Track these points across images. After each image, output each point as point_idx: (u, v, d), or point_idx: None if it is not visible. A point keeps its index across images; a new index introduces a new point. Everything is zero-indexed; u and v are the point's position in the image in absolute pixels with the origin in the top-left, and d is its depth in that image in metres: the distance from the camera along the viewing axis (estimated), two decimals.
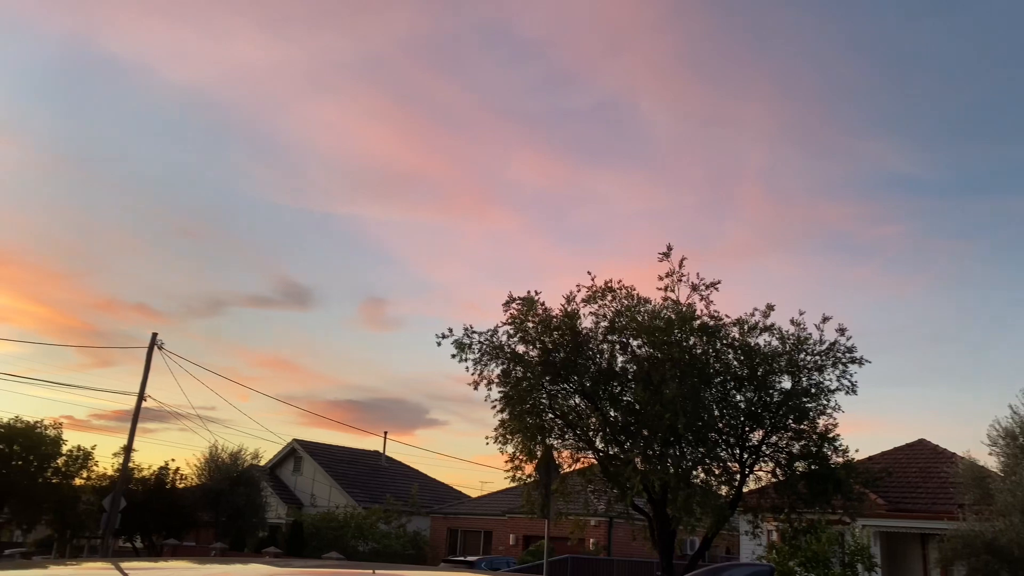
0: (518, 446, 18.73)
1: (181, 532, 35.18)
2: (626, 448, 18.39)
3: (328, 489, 41.90)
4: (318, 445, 45.69)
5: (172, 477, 35.27)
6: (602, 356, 18.87)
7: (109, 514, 28.85)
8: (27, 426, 34.78)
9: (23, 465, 34.12)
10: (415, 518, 37.09)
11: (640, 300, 18.79)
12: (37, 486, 33.76)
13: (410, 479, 45.08)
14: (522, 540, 34.81)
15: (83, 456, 35.86)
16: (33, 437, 34.56)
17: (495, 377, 18.62)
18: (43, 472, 34.60)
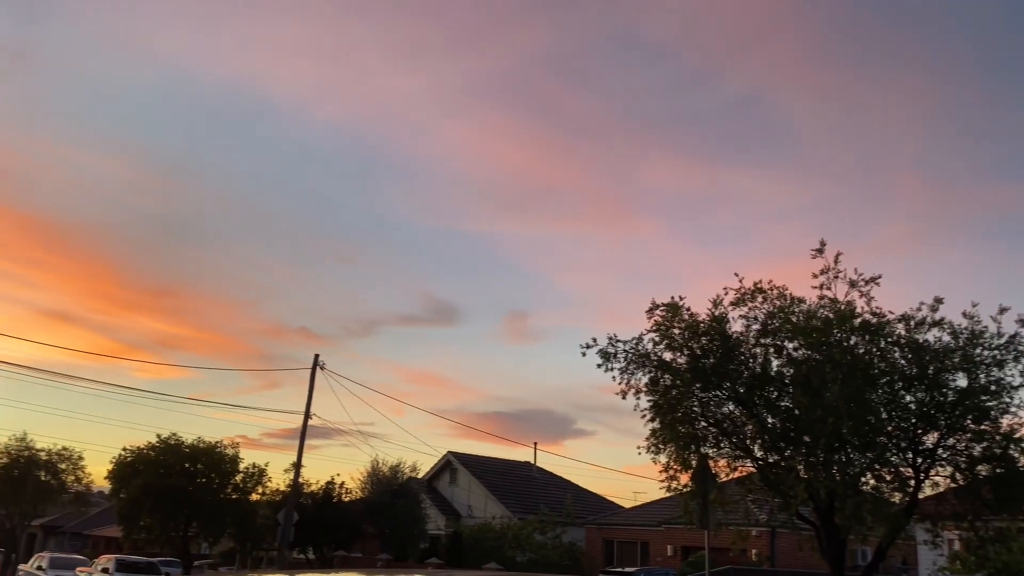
0: (671, 455, 18.37)
1: (349, 544, 36.93)
2: (787, 455, 17.64)
3: (483, 500, 42.74)
4: (472, 457, 46.74)
5: (338, 491, 37.14)
6: (755, 360, 18.22)
7: (284, 527, 30.72)
8: (209, 446, 37.70)
9: (207, 482, 36.98)
10: (570, 529, 37.14)
11: (794, 300, 18.02)
12: (220, 502, 36.47)
13: (562, 489, 45.23)
14: (680, 551, 34.08)
15: (258, 473, 38.42)
16: (214, 456, 37.41)
17: (643, 386, 18.36)
18: (224, 488, 37.36)
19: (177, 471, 35.98)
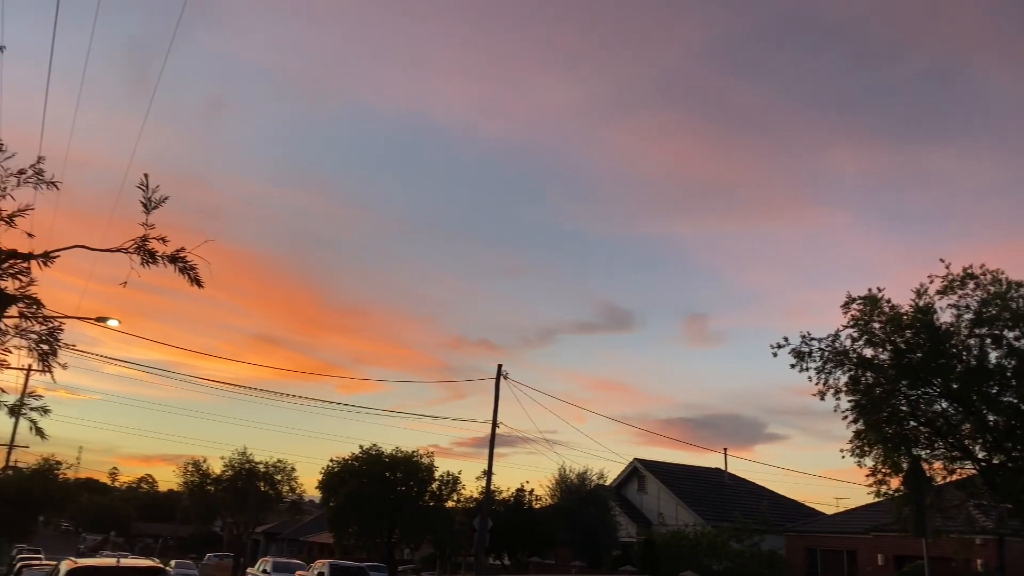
0: (878, 458, 17.24)
1: (542, 550, 37.49)
2: (1015, 456, 16.02)
3: (674, 507, 41.96)
4: (659, 464, 46.06)
5: (528, 498, 37.85)
6: (969, 353, 16.71)
7: (479, 533, 31.72)
8: (406, 455, 39.72)
9: (406, 490, 38.95)
10: (768, 536, 35.64)
11: (1011, 285, 16.38)
12: (419, 509, 38.27)
13: (756, 496, 43.52)
14: (892, 560, 31.73)
15: (452, 481, 39.98)
16: (411, 465, 39.35)
17: (842, 385, 17.37)
18: (422, 496, 39.17)
19: (379, 480, 38.18)
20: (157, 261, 9.14)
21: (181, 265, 9.17)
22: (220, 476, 54.59)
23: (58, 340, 9.78)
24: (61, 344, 9.83)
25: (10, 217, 9.37)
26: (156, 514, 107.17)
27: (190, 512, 65.70)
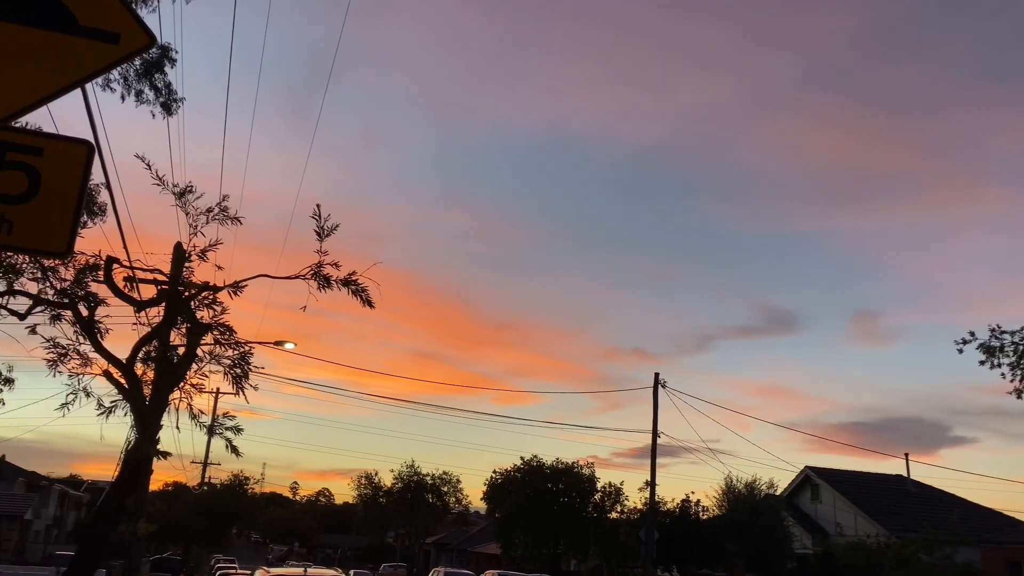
0: None
1: (711, 562, 36.42)
2: None
3: (852, 517, 39.60)
4: (833, 471, 43.67)
5: (694, 508, 36.93)
6: None
7: (646, 544, 31.30)
8: (567, 467, 39.88)
9: (569, 501, 39.09)
10: (961, 548, 32.89)
11: None
12: (582, 520, 38.29)
13: (944, 504, 40.27)
14: None
15: (614, 492, 39.70)
16: (573, 476, 39.45)
17: None
18: (585, 507, 39.16)
19: (541, 491, 38.53)
20: (332, 285, 9.75)
21: (353, 288, 9.72)
22: (391, 488, 56.97)
23: (249, 364, 10.61)
24: (251, 368, 10.65)
25: (203, 252, 10.28)
26: (334, 526, 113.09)
27: (365, 523, 68.99)
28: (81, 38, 3.16)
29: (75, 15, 3.17)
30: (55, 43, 3.13)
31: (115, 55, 3.24)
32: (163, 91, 17.64)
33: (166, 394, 9.55)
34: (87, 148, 3.10)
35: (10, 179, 2.94)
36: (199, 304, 10.20)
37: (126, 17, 3.26)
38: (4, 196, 2.92)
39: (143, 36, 3.25)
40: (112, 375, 9.22)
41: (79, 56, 3.16)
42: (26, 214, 2.94)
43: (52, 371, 9.68)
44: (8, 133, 3.02)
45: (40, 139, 3.08)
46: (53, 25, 3.14)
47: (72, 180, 3.03)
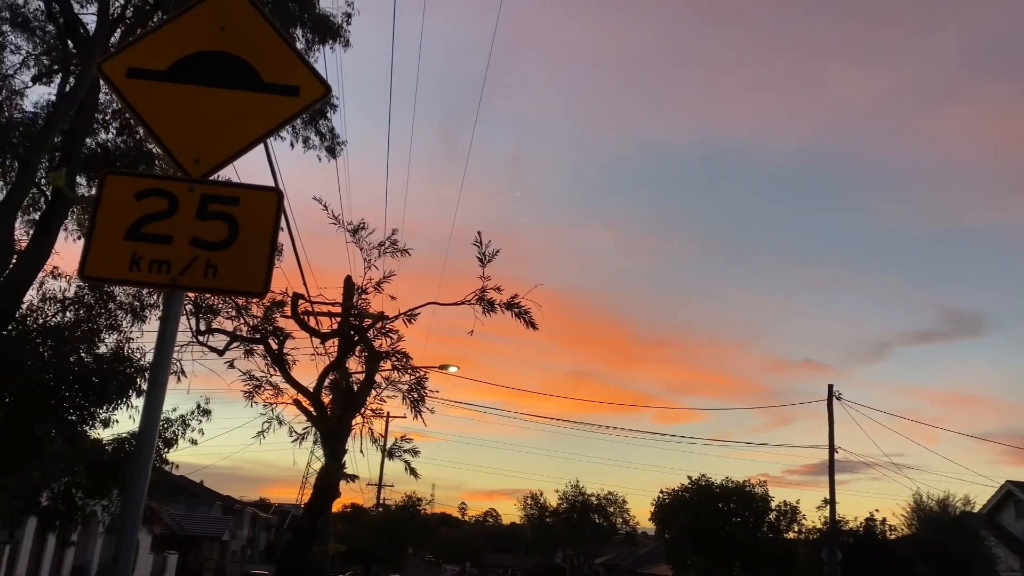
0: None
1: None
2: None
3: None
4: None
5: (880, 528, 34.53)
6: None
7: (828, 566, 29.56)
8: (737, 485, 38.44)
9: (741, 521, 37.60)
10: None
11: None
12: (757, 540, 36.69)
13: None
14: None
15: (790, 511, 37.82)
16: (744, 495, 37.96)
17: None
18: (759, 528, 37.53)
19: (712, 511, 37.33)
20: (495, 309, 10.01)
21: (516, 311, 9.93)
22: (556, 509, 57.13)
23: (425, 388, 11.06)
24: (427, 392, 11.08)
25: (378, 284, 10.84)
26: (502, 546, 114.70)
27: (532, 544, 69.48)
28: (266, 94, 3.44)
29: (260, 73, 3.46)
30: (244, 101, 3.42)
31: (296, 107, 3.50)
32: (327, 136, 18.89)
33: (349, 420, 10.12)
34: (276, 195, 3.35)
35: (213, 228, 3.22)
36: (376, 333, 10.76)
37: (303, 71, 3.51)
38: (208, 244, 3.20)
39: (319, 87, 3.49)
40: (301, 403, 9.89)
41: (265, 111, 3.43)
42: (227, 259, 3.20)
43: (249, 402, 10.55)
44: (209, 186, 3.31)
45: (236, 189, 3.36)
46: (241, 84, 3.43)
47: (265, 225, 3.28)
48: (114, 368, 13.19)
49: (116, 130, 18.13)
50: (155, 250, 3.17)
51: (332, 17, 17.35)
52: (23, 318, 13.58)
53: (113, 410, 13.27)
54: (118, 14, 16.61)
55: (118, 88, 3.43)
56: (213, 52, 3.45)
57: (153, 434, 3.04)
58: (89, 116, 16.33)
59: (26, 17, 17.01)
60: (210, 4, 3.54)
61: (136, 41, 3.54)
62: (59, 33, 16.62)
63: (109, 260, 3.17)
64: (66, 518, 15.36)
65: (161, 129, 3.39)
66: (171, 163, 3.37)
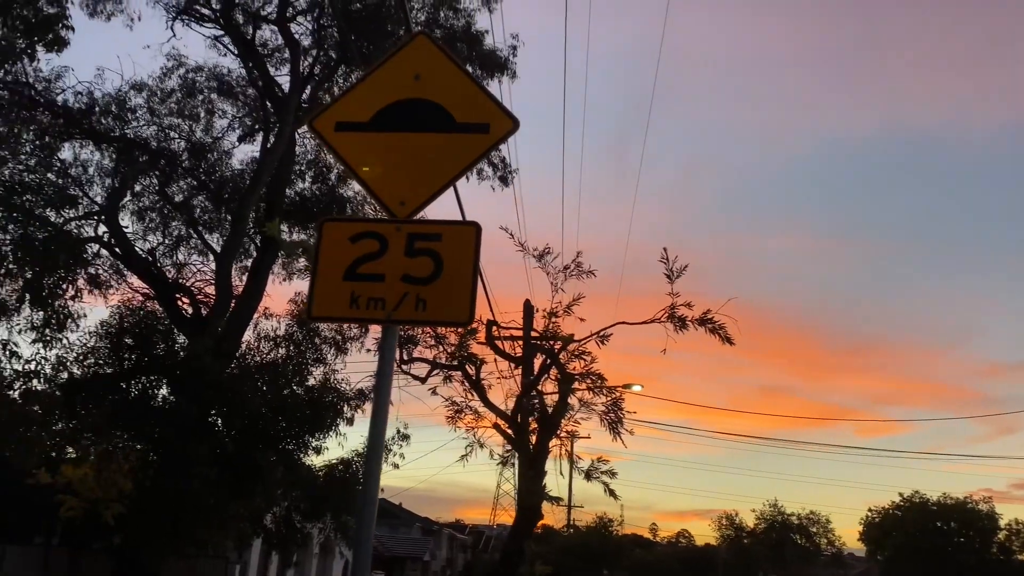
0: None
1: None
2: None
3: None
4: None
5: None
6: None
7: None
8: (957, 502, 35.13)
9: (965, 542, 34.27)
10: None
11: None
12: (987, 562, 33.28)
13: None
14: None
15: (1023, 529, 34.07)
16: (966, 513, 34.61)
17: None
18: (988, 548, 34.04)
19: (928, 531, 34.33)
20: (687, 326, 9.82)
21: (710, 326, 9.70)
22: (753, 529, 54.81)
23: (622, 409, 11.02)
24: (624, 413, 11.04)
25: (568, 307, 11.00)
26: (697, 568, 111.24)
27: (730, 565, 66.87)
28: (459, 133, 3.62)
29: (452, 114, 3.65)
30: (440, 142, 3.62)
31: (488, 143, 3.66)
32: (499, 166, 19.50)
33: (546, 442, 10.30)
34: (475, 228, 3.50)
35: (420, 264, 3.41)
36: (570, 356, 10.90)
37: (492, 107, 3.66)
38: (417, 279, 3.39)
39: (508, 121, 3.62)
40: (500, 427, 10.20)
41: (460, 149, 3.62)
42: (435, 292, 3.38)
43: (453, 427, 11.03)
44: (414, 225, 3.52)
45: (438, 226, 3.54)
46: (437, 127, 3.64)
47: (466, 257, 3.43)
48: (323, 399, 14.22)
49: (311, 179, 19.70)
50: (371, 288, 3.41)
51: (499, 52, 17.96)
52: (242, 356, 14.95)
53: (324, 438, 14.29)
54: (307, 72, 18.09)
55: (328, 141, 3.74)
56: (409, 100, 3.68)
57: (379, 459, 3.25)
58: (288, 168, 17.88)
59: (230, 85, 18.89)
60: (403, 55, 3.78)
61: (340, 97, 3.85)
62: (259, 96, 18.34)
63: (332, 300, 3.45)
64: (287, 540, 16.63)
65: (368, 175, 3.65)
66: (379, 206, 3.61)
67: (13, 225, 13.32)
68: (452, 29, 17.38)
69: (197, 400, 12.07)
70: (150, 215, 18.06)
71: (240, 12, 17.64)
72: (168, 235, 18.12)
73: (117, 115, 16.92)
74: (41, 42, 11.64)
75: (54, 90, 15.90)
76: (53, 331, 13.51)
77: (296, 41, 17.67)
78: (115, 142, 16.70)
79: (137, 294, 16.14)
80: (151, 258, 17.00)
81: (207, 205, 18.43)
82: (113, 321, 14.20)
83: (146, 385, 13.72)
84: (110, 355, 13.83)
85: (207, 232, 18.25)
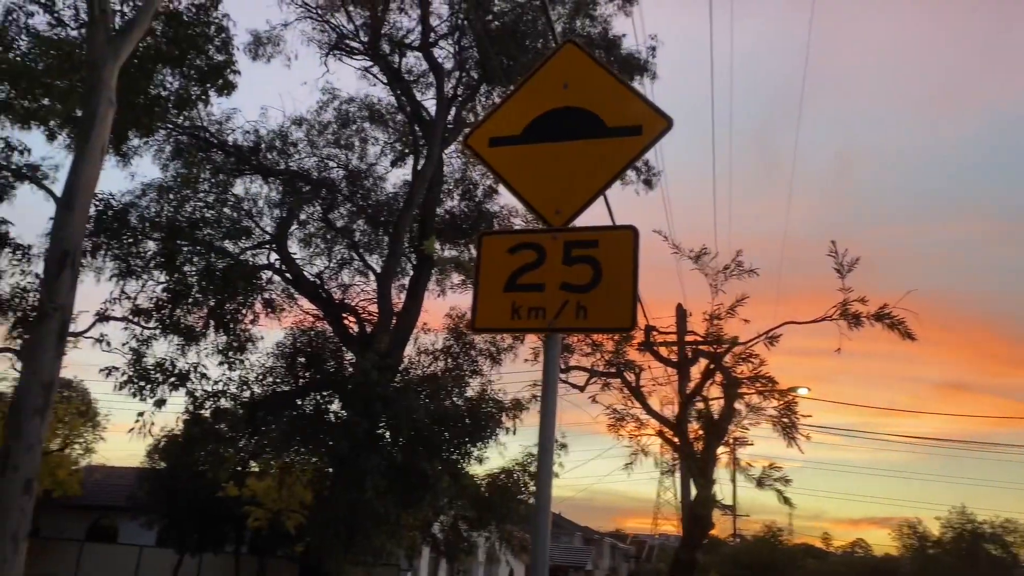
0: None
1: None
2: None
3: None
4: None
5: None
6: None
7: None
8: None
9: None
10: None
11: None
12: None
13: None
14: None
15: None
16: None
17: None
18: None
19: None
20: (861, 322, 9.26)
21: (888, 322, 9.09)
22: (940, 538, 50.79)
23: (796, 414, 10.52)
24: (799, 417, 10.53)
25: (731, 308, 10.65)
26: None
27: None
28: (610, 138, 3.59)
29: (603, 119, 3.62)
30: (593, 148, 3.60)
31: (640, 144, 3.59)
32: (643, 169, 19.25)
33: (714, 449, 10.00)
34: (632, 232, 3.44)
35: (579, 272, 3.40)
36: (736, 359, 10.55)
37: (643, 108, 3.60)
38: (576, 287, 3.38)
39: (661, 120, 3.55)
40: (664, 435, 10.00)
41: (613, 154, 3.58)
42: (595, 299, 3.36)
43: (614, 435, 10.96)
44: (571, 233, 3.52)
45: (595, 232, 3.51)
46: (588, 134, 3.62)
47: (625, 262, 3.39)
48: (481, 409, 14.55)
49: (459, 197, 20.28)
50: (531, 298, 3.43)
51: (636, 55, 17.79)
52: (405, 370, 15.57)
53: (484, 448, 14.59)
54: (451, 94, 18.66)
55: (483, 157, 3.81)
56: (559, 109, 3.69)
57: (549, 468, 3.25)
58: (437, 188, 18.50)
59: (380, 112, 19.80)
60: (551, 65, 3.80)
61: (492, 114, 3.91)
62: (407, 121, 19.11)
63: (494, 312, 3.50)
64: (455, 548, 17.09)
65: (523, 187, 3.69)
66: (534, 216, 3.64)
67: (197, 257, 14.55)
68: (589, 37, 17.41)
69: (366, 414, 12.66)
70: (315, 241, 19.19)
71: (386, 42, 18.46)
72: (332, 258, 19.17)
73: (281, 150, 18.16)
74: (213, 87, 12.64)
75: (225, 131, 17.31)
76: (235, 353, 14.60)
77: (439, 65, 18.28)
78: (281, 175, 17.90)
79: (307, 315, 17.16)
80: (318, 281, 18.04)
81: (365, 228, 19.36)
82: (287, 342, 15.18)
83: (319, 401, 14.55)
84: (286, 374, 14.79)
85: (367, 253, 19.16)
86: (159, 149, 16.58)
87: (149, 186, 15.78)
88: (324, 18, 18.37)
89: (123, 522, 29.14)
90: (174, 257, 14.31)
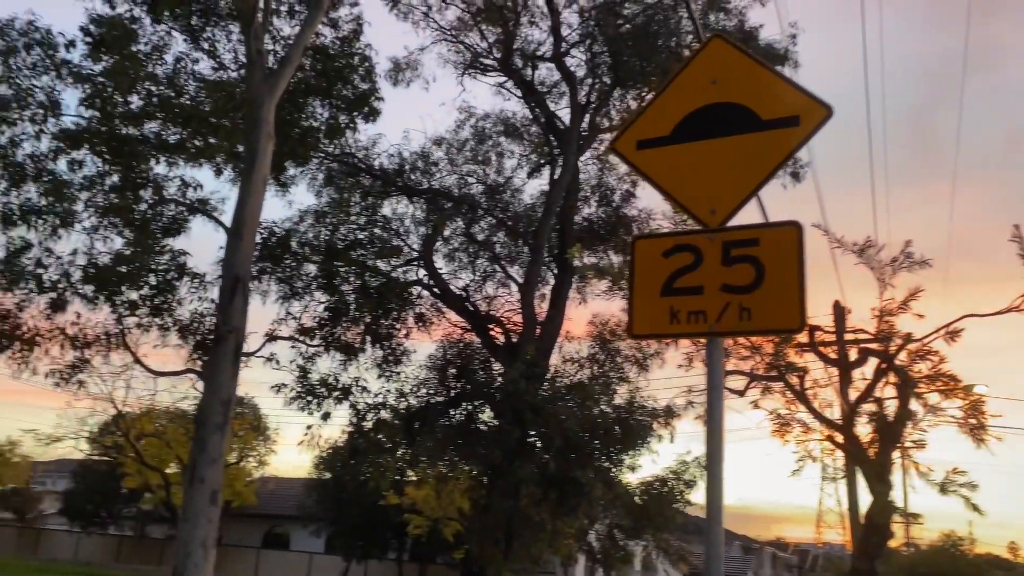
0: None
1: None
2: None
3: None
4: None
5: None
6: None
7: None
8: None
9: None
10: None
11: None
12: None
13: None
14: None
15: None
16: None
17: None
18: None
19: None
20: None
21: None
22: None
23: (983, 413, 9.71)
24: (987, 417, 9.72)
25: (904, 302, 9.95)
26: None
27: None
28: (766, 131, 3.44)
29: (757, 113, 3.48)
30: (747, 144, 3.46)
31: (799, 136, 3.42)
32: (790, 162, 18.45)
33: (889, 453, 9.36)
34: (796, 229, 3.28)
35: (740, 272, 3.28)
36: (912, 357, 9.88)
37: (800, 97, 3.43)
38: (738, 288, 3.26)
39: (821, 109, 3.36)
40: (833, 439, 9.48)
41: (769, 148, 3.43)
42: (759, 300, 3.22)
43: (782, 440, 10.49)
44: (729, 232, 3.40)
45: (755, 231, 3.38)
46: (742, 129, 3.49)
47: (790, 260, 3.23)
48: (631, 417, 14.37)
49: (596, 203, 20.21)
50: (690, 302, 3.34)
51: (775, 45, 17.13)
52: (552, 379, 15.63)
53: (636, 456, 14.40)
54: (584, 102, 18.65)
55: (631, 161, 3.76)
56: (709, 106, 3.58)
57: (720, 478, 3.13)
58: (574, 196, 18.52)
59: (515, 126, 20.08)
60: (698, 62, 3.70)
61: (638, 116, 3.84)
62: (542, 131, 19.27)
63: (651, 318, 3.44)
64: (611, 556, 16.93)
65: (675, 188, 3.61)
66: (689, 217, 3.55)
67: (353, 277, 15.26)
68: (724, 30, 16.93)
69: (517, 422, 12.81)
70: (459, 255, 19.68)
71: (518, 56, 18.72)
72: (476, 272, 19.59)
73: (423, 170, 18.80)
74: (359, 115, 13.24)
75: (372, 156, 18.10)
76: (392, 367, 15.18)
77: (571, 74, 18.33)
78: (424, 194, 18.51)
79: (455, 327, 17.62)
80: (464, 294, 18.49)
81: (506, 240, 19.66)
82: (438, 354, 15.64)
83: (470, 411, 14.88)
84: (438, 385, 15.23)
85: (508, 265, 19.45)
86: (312, 177, 17.58)
87: (306, 212, 16.74)
88: (458, 39, 18.88)
89: (294, 530, 30.96)
90: (332, 278, 15.08)
